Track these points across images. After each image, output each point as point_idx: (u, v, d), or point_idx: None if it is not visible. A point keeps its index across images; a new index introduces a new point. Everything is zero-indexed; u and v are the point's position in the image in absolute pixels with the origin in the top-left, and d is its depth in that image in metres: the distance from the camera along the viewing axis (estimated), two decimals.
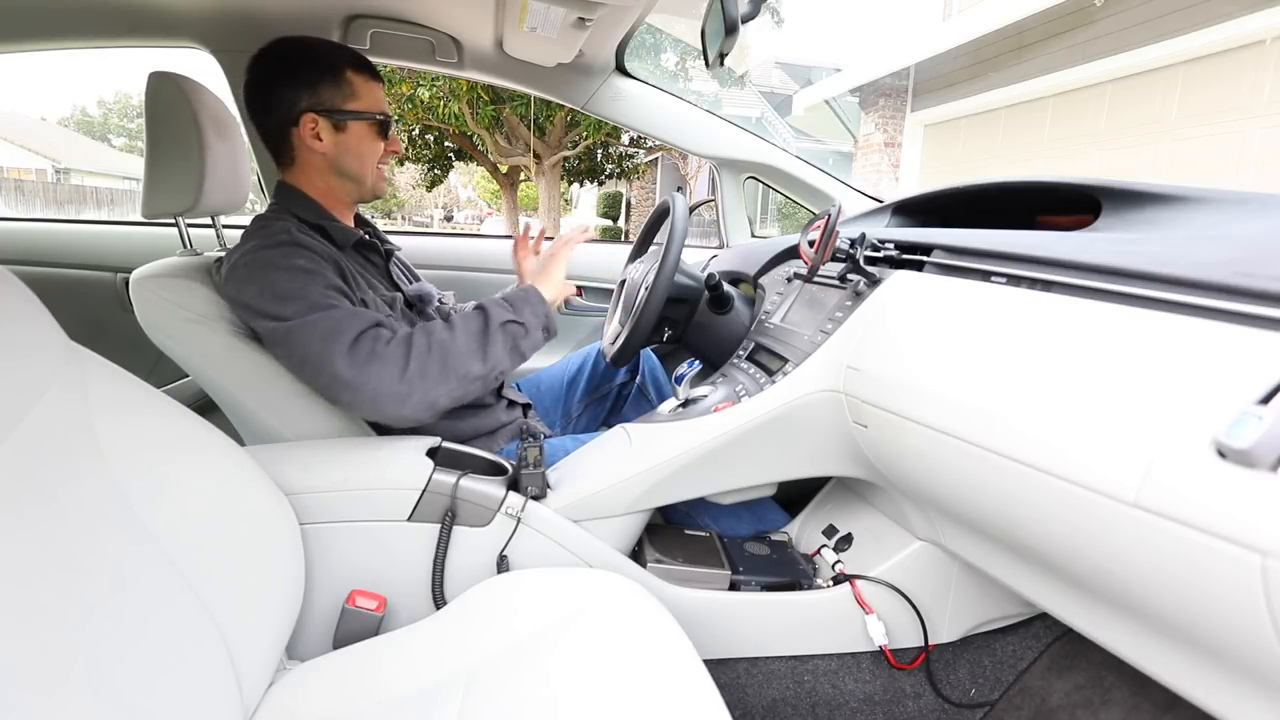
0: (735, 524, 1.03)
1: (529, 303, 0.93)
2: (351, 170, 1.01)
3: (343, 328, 0.82)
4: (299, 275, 0.86)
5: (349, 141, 0.99)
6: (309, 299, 0.84)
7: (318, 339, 0.81)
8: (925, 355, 0.69)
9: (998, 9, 6.07)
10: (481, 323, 0.89)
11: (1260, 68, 4.56)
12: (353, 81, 0.98)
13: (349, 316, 0.83)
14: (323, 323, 0.82)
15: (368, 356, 0.80)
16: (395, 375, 0.80)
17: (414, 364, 0.81)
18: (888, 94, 7.81)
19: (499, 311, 0.90)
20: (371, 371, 0.80)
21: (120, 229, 1.78)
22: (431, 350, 0.83)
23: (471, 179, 27.16)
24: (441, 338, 0.85)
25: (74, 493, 0.50)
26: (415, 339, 0.84)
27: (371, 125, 1.00)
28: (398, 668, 0.65)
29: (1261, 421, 0.39)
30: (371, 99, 1.00)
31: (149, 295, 0.93)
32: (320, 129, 0.97)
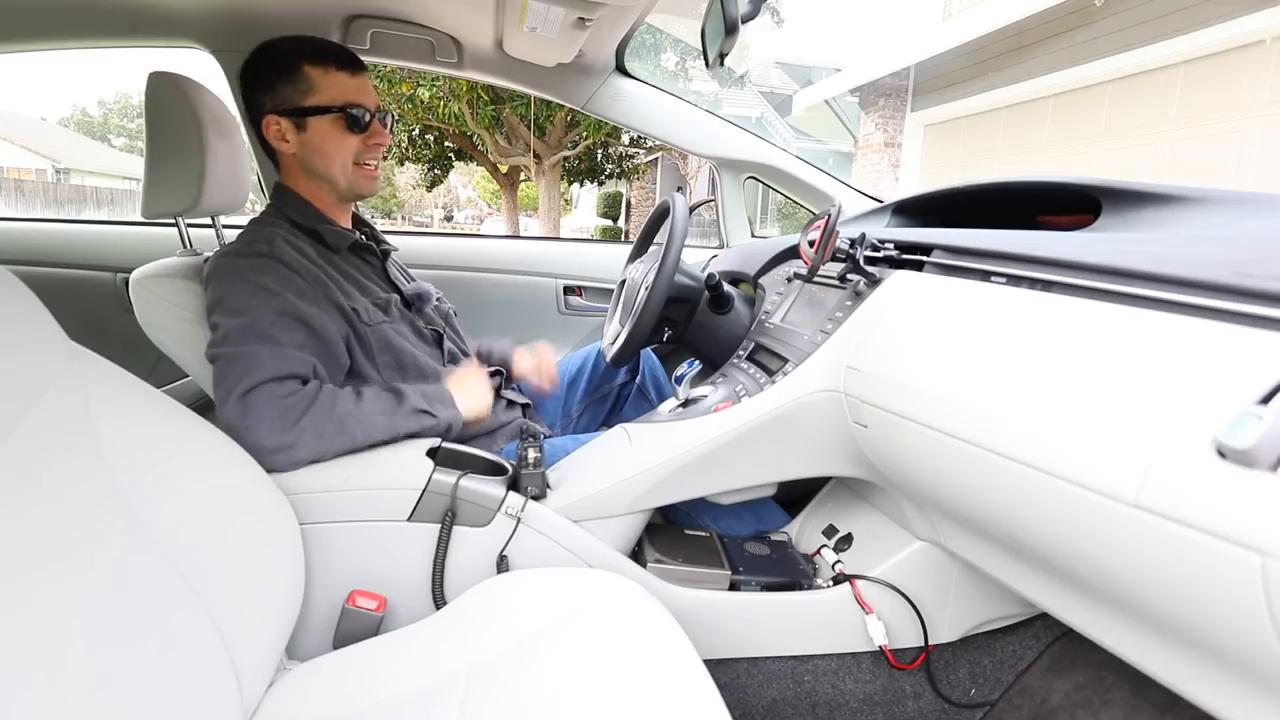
0: (735, 524, 1.03)
1: (447, 404, 0.92)
2: (319, 169, 0.97)
3: (256, 367, 0.79)
4: (258, 293, 0.84)
5: (311, 139, 0.96)
6: (251, 324, 0.82)
7: (231, 372, 0.79)
8: (925, 355, 0.69)
9: (998, 9, 6.06)
10: (395, 402, 0.87)
11: (1260, 68, 4.56)
12: (310, 76, 0.93)
13: (272, 357, 0.81)
14: (243, 359, 0.80)
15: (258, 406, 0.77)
16: (279, 428, 0.77)
17: (306, 419, 0.78)
18: (888, 94, 7.81)
19: (415, 399, 0.88)
20: (253, 421, 0.76)
21: (120, 229, 1.78)
22: (333, 412, 0.80)
23: (471, 179, 27.17)
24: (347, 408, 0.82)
25: (74, 492, 0.50)
26: (321, 397, 0.81)
27: (336, 120, 0.95)
28: (398, 668, 0.65)
29: (1261, 421, 0.39)
30: (333, 91, 0.94)
31: (149, 295, 0.93)
32: (284, 130, 0.95)
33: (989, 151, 6.85)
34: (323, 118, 0.95)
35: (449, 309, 1.20)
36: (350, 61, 0.97)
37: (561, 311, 1.82)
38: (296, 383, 0.82)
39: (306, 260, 0.93)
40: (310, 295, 0.89)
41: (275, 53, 0.95)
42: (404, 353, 0.99)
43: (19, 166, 17.26)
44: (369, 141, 0.99)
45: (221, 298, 0.85)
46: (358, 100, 0.96)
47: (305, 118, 0.95)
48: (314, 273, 0.92)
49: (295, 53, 0.94)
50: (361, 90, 0.97)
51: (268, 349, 0.81)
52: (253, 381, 0.78)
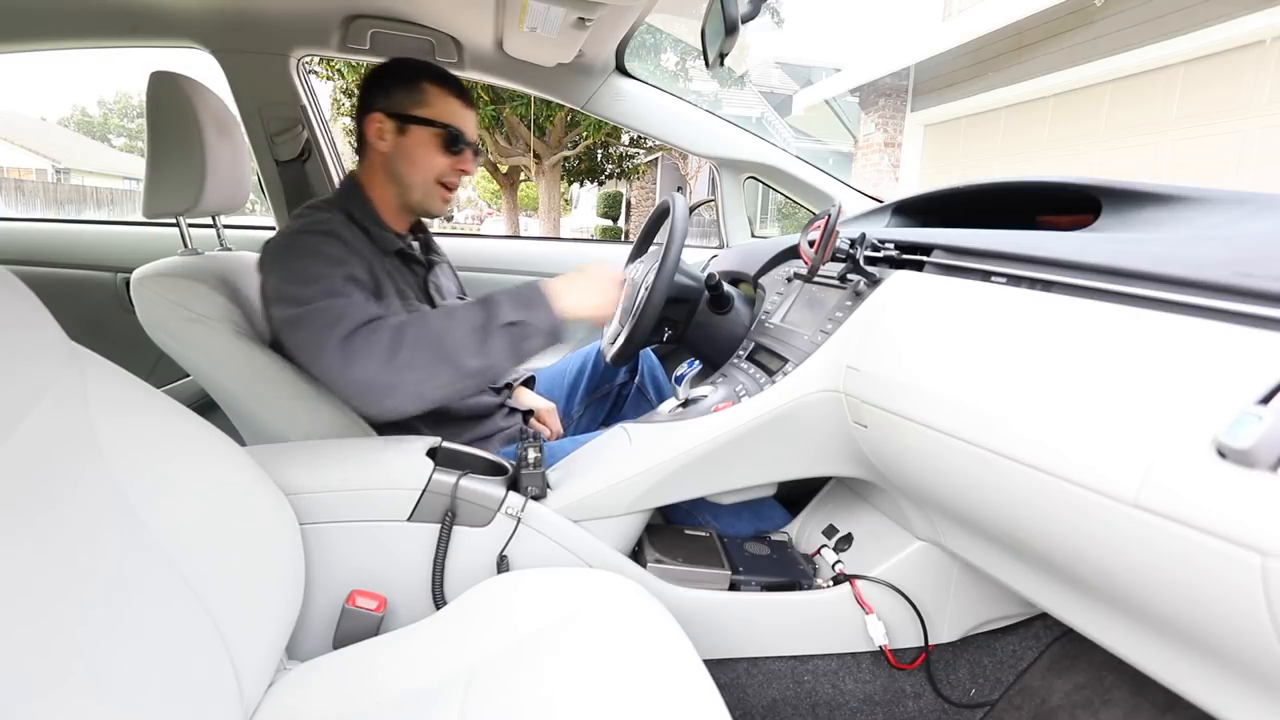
0: (735, 524, 1.03)
1: (537, 305, 0.87)
2: (402, 174, 1.02)
3: (345, 315, 0.82)
4: (326, 262, 0.88)
5: (407, 145, 1.01)
6: (327, 286, 0.85)
7: (320, 325, 0.82)
8: (925, 355, 0.69)
9: (998, 9, 6.06)
10: (483, 318, 0.85)
11: (1260, 67, 4.56)
12: (427, 91, 1.00)
13: (355, 306, 0.84)
14: (329, 310, 0.83)
15: (360, 348, 0.80)
16: (383, 364, 0.80)
17: (404, 353, 0.80)
18: (888, 94, 7.81)
19: (505, 308, 0.86)
20: (358, 363, 0.80)
21: (120, 229, 1.78)
22: (421, 341, 0.82)
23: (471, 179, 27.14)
24: (436, 327, 0.83)
25: (74, 493, 0.50)
26: (407, 328, 0.83)
27: (436, 135, 1.00)
28: (398, 668, 0.65)
29: (1261, 421, 0.39)
30: (443, 110, 1.00)
31: (150, 295, 0.93)
32: (384, 129, 1.00)
33: (989, 151, 6.85)
34: (424, 129, 1.00)
35: None
36: (466, 95, 1.04)
37: None
38: (392, 321, 0.84)
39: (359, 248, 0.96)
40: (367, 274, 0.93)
41: (404, 65, 1.02)
42: None
43: (19, 166, 17.25)
44: (456, 165, 1.04)
45: (292, 269, 0.88)
46: (460, 126, 1.02)
47: (409, 124, 1.00)
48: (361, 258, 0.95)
49: (422, 70, 1.01)
50: (467, 120, 1.04)
51: (348, 301, 0.85)
52: (348, 327, 0.81)
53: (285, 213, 1.62)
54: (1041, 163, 6.22)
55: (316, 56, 1.96)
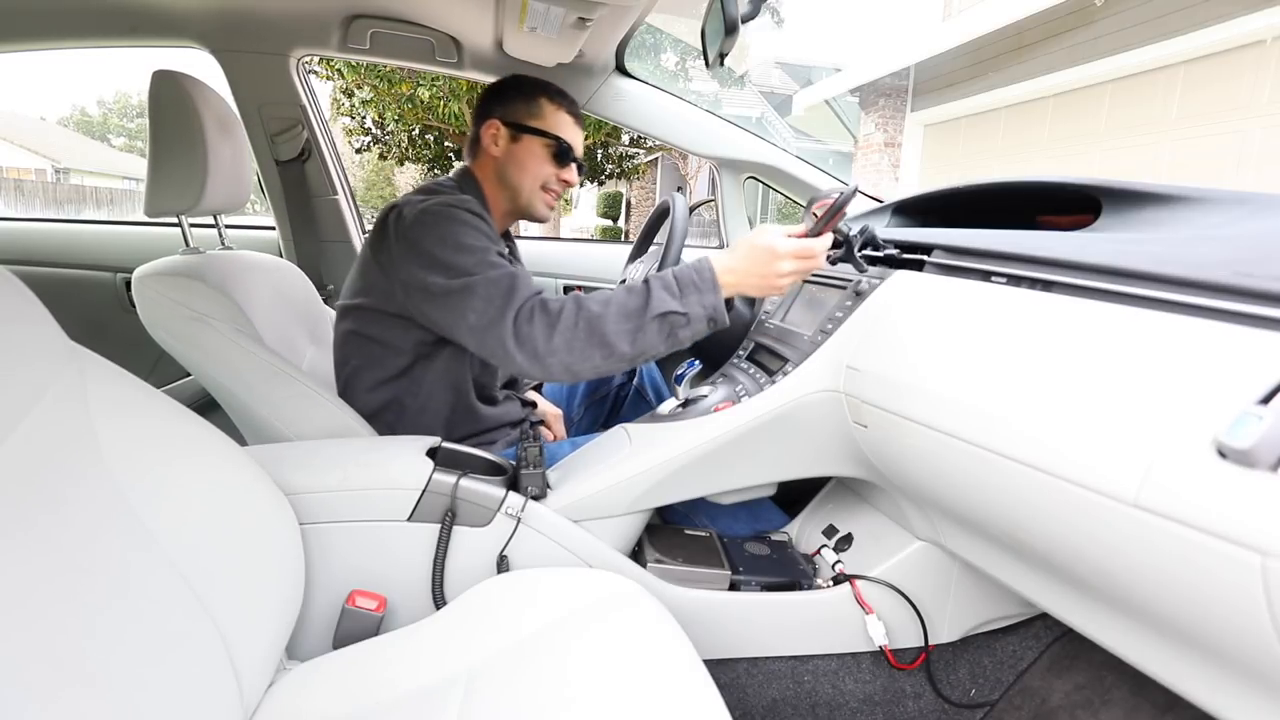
0: (734, 524, 1.04)
1: (698, 289, 0.83)
2: (511, 178, 1.07)
3: (515, 287, 0.86)
4: (481, 236, 0.92)
5: (518, 152, 1.07)
6: (488, 258, 0.88)
7: (491, 295, 0.85)
8: (925, 355, 0.69)
9: (998, 9, 6.06)
10: (640, 303, 0.83)
11: (1260, 67, 4.56)
12: (543, 105, 1.07)
13: (522, 280, 0.88)
14: (499, 281, 0.86)
15: (525, 319, 0.83)
16: (545, 338, 0.83)
17: (561, 332, 0.83)
18: (888, 94, 7.81)
19: (662, 298, 0.82)
20: (526, 333, 0.83)
21: (120, 229, 1.78)
22: (580, 321, 0.83)
23: None
24: (593, 312, 0.83)
25: (74, 493, 0.50)
26: (566, 306, 0.84)
27: (547, 145, 1.07)
28: (398, 668, 0.65)
29: (1262, 421, 0.39)
30: (555, 123, 1.07)
31: (151, 294, 0.93)
32: (499, 135, 1.07)
33: (989, 151, 6.85)
34: (536, 139, 1.07)
35: None
36: (578, 116, 1.11)
37: None
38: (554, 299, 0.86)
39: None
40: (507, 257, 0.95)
41: (524, 81, 1.09)
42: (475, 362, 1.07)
43: (18, 166, 17.24)
44: (561, 176, 1.10)
45: (448, 236, 0.90)
46: (570, 141, 1.09)
47: (522, 133, 1.07)
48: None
49: (541, 88, 1.08)
50: (576, 136, 1.10)
51: (515, 274, 0.87)
52: (520, 299, 0.85)
53: (285, 213, 1.62)
54: (1041, 163, 6.22)
55: (316, 56, 1.96)
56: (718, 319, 0.84)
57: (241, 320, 0.97)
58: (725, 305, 0.84)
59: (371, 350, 1.02)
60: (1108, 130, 5.65)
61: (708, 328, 0.85)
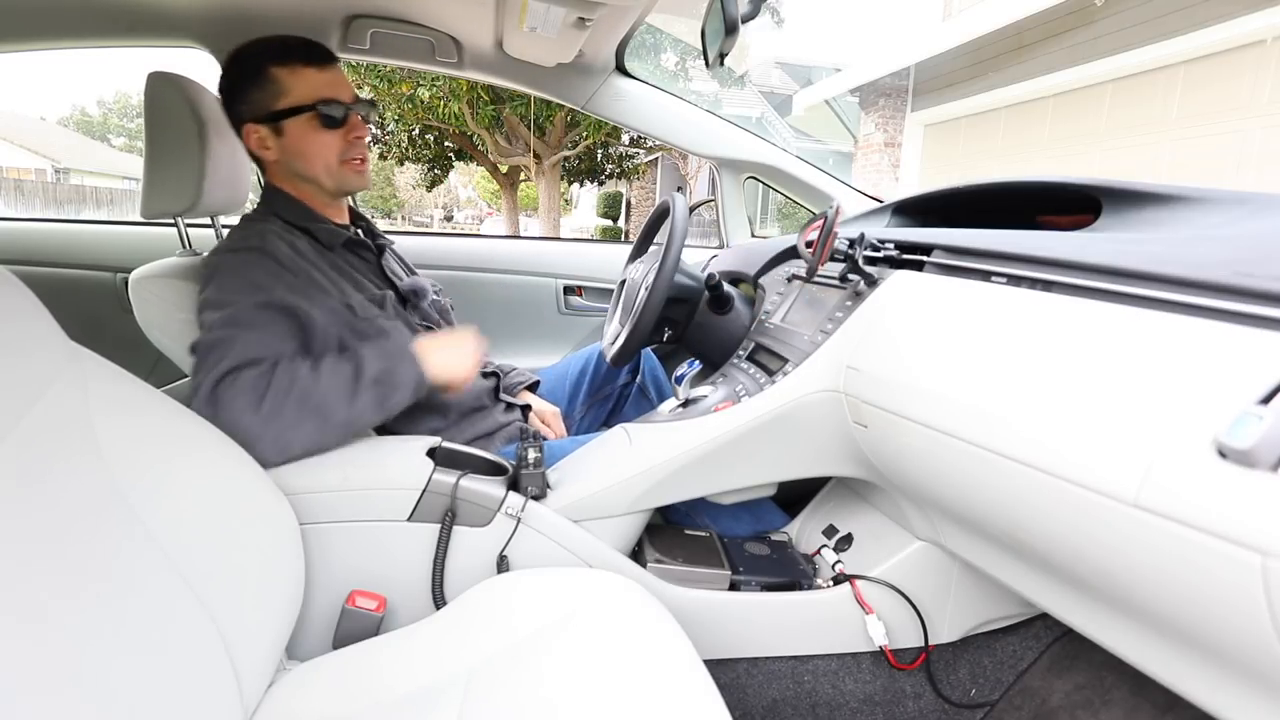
0: (734, 524, 1.03)
1: (403, 359, 0.85)
2: (304, 171, 0.96)
3: (230, 353, 0.77)
4: (243, 288, 0.83)
5: (290, 143, 0.94)
6: (233, 315, 0.80)
7: (202, 360, 0.78)
8: (925, 355, 0.69)
9: (998, 9, 6.06)
10: (352, 370, 0.81)
11: (1260, 67, 4.56)
12: (277, 78, 0.91)
13: (246, 344, 0.79)
14: (218, 345, 0.78)
15: (228, 391, 0.75)
16: (250, 411, 0.74)
17: (269, 402, 0.75)
18: (888, 94, 7.81)
19: (372, 362, 0.83)
20: (227, 402, 0.74)
21: (120, 229, 1.78)
22: (291, 390, 0.77)
23: (471, 179, 27.19)
24: (304, 378, 0.79)
25: (74, 493, 0.50)
26: (278, 375, 0.78)
27: (310, 119, 0.92)
28: (398, 668, 0.65)
29: (1262, 421, 0.39)
30: (303, 90, 0.91)
31: (148, 295, 0.93)
32: (263, 137, 0.94)
33: (989, 151, 6.85)
34: (297, 119, 0.92)
35: (447, 304, 1.20)
36: (318, 56, 0.93)
37: (561, 311, 1.82)
38: (266, 365, 0.79)
39: (299, 256, 0.92)
40: (300, 289, 0.88)
41: (242, 59, 0.93)
42: None
43: (18, 166, 17.25)
44: (350, 136, 0.95)
45: (209, 295, 0.84)
46: (330, 95, 0.93)
47: (280, 121, 0.92)
48: (304, 268, 0.91)
49: (260, 56, 0.92)
50: (333, 84, 0.94)
51: (243, 334, 0.79)
52: (224, 369, 0.76)
53: None
54: (1041, 163, 6.22)
55: None
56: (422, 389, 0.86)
57: None
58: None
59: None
60: (1108, 130, 5.65)
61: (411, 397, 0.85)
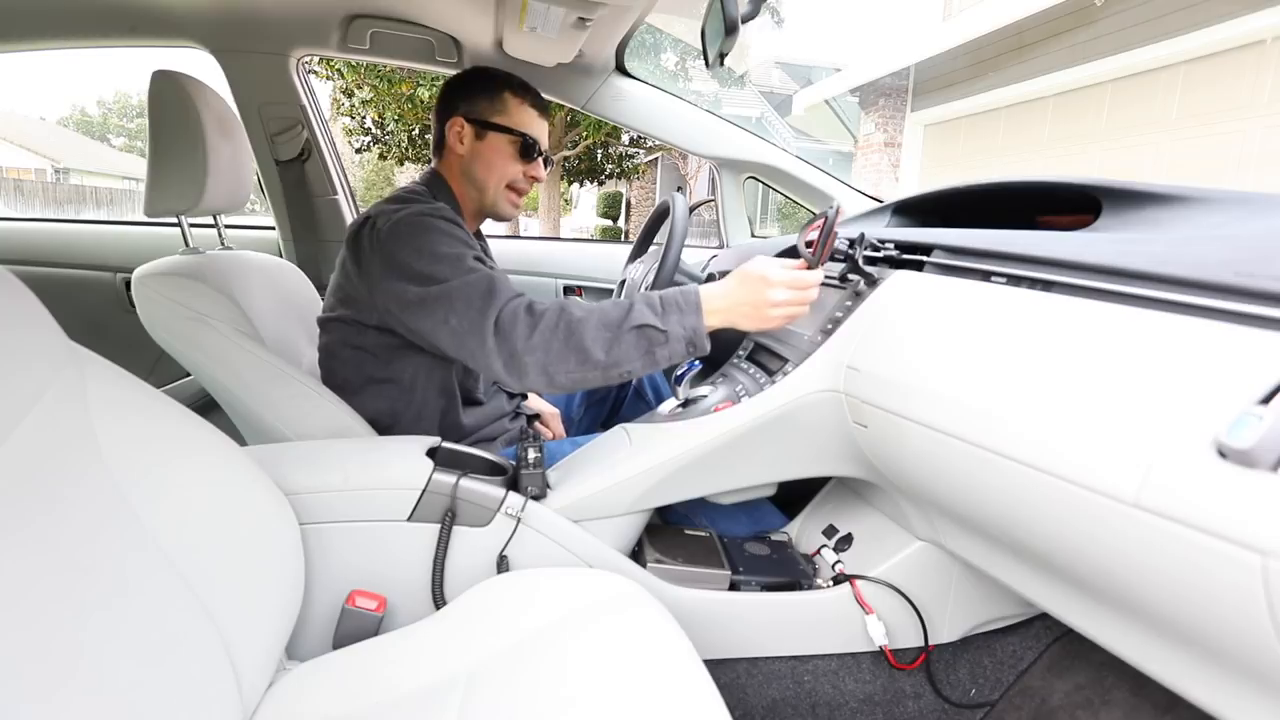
0: (734, 524, 1.03)
1: (680, 310, 0.83)
2: (478, 177, 1.06)
3: (494, 291, 0.85)
4: (456, 242, 0.91)
5: (483, 150, 1.05)
6: (466, 263, 0.88)
7: (478, 295, 0.84)
8: (925, 355, 0.69)
9: (998, 9, 6.06)
10: (620, 315, 0.82)
11: (1260, 67, 4.56)
12: (507, 100, 1.05)
13: (500, 282, 0.87)
14: (476, 285, 0.85)
15: (508, 322, 0.83)
16: (523, 340, 0.82)
17: (538, 334, 0.82)
18: (888, 94, 7.81)
19: (643, 311, 0.82)
20: (506, 336, 0.82)
21: (120, 229, 1.78)
22: (558, 325, 0.82)
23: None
24: (574, 316, 0.83)
25: (73, 493, 0.50)
26: (549, 310, 0.84)
27: (512, 141, 1.05)
28: (398, 668, 0.65)
29: (1262, 421, 0.39)
30: (520, 119, 1.05)
31: (151, 293, 0.93)
32: (464, 133, 1.05)
33: (989, 151, 6.85)
34: (501, 136, 1.05)
35: None
36: (543, 108, 1.09)
37: None
38: (531, 300, 0.86)
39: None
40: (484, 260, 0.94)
41: (486, 74, 1.07)
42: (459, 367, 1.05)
43: (18, 166, 17.24)
44: (529, 172, 1.08)
45: (422, 247, 0.89)
46: (534, 135, 1.06)
47: (487, 130, 1.05)
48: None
49: (504, 80, 1.06)
50: (541, 130, 1.08)
51: (492, 277, 0.86)
52: (500, 301, 0.84)
53: (285, 213, 1.62)
54: (1041, 163, 6.23)
55: (316, 56, 1.96)
56: (697, 342, 0.83)
57: (241, 320, 0.97)
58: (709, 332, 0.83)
59: (357, 362, 1.01)
60: (1108, 130, 5.65)
61: (685, 351, 0.83)
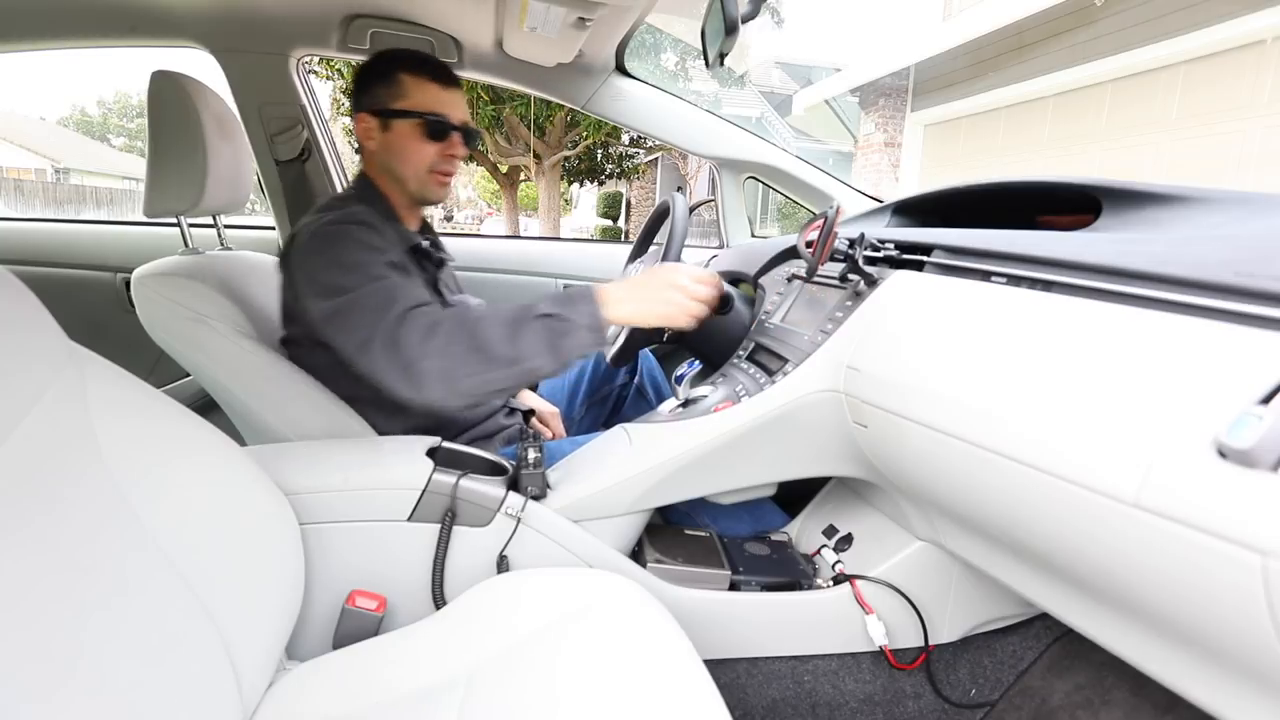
0: (735, 524, 1.03)
1: (580, 300, 0.83)
2: (395, 169, 1.02)
3: (393, 299, 0.83)
4: (365, 249, 0.89)
5: (392, 140, 1.00)
6: (371, 271, 0.86)
7: (368, 310, 0.82)
8: (925, 355, 0.69)
9: (998, 9, 6.06)
10: (521, 309, 0.83)
11: (1260, 67, 4.56)
12: (403, 82, 0.98)
13: (401, 289, 0.85)
14: (376, 294, 0.83)
15: (407, 331, 0.80)
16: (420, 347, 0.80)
17: (439, 339, 0.80)
18: (888, 94, 7.81)
19: (544, 304, 0.83)
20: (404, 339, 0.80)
21: (120, 229, 1.78)
22: (458, 329, 0.81)
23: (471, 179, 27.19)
24: (473, 316, 0.82)
25: (73, 493, 0.50)
26: (446, 315, 0.83)
27: (417, 125, 0.99)
28: (398, 668, 0.65)
29: (1262, 421, 0.39)
30: (420, 99, 0.99)
31: (151, 294, 0.93)
32: (370, 128, 1.00)
33: (989, 151, 6.85)
34: (405, 121, 0.99)
35: None
36: (444, 76, 1.01)
37: None
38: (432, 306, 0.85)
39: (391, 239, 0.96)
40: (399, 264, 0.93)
41: (381, 59, 1.01)
42: None
43: (18, 166, 17.24)
44: (445, 152, 1.02)
45: (331, 258, 0.88)
46: (441, 111, 1.00)
47: (391, 119, 0.99)
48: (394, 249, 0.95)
49: (396, 60, 1.00)
50: (448, 103, 1.01)
51: (394, 284, 0.85)
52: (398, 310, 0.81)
53: (285, 213, 1.62)
54: (1041, 163, 6.23)
55: (316, 56, 1.96)
56: (599, 330, 0.82)
57: (241, 321, 0.97)
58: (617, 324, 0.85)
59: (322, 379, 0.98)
60: (1108, 130, 5.65)
61: (591, 339, 0.82)
